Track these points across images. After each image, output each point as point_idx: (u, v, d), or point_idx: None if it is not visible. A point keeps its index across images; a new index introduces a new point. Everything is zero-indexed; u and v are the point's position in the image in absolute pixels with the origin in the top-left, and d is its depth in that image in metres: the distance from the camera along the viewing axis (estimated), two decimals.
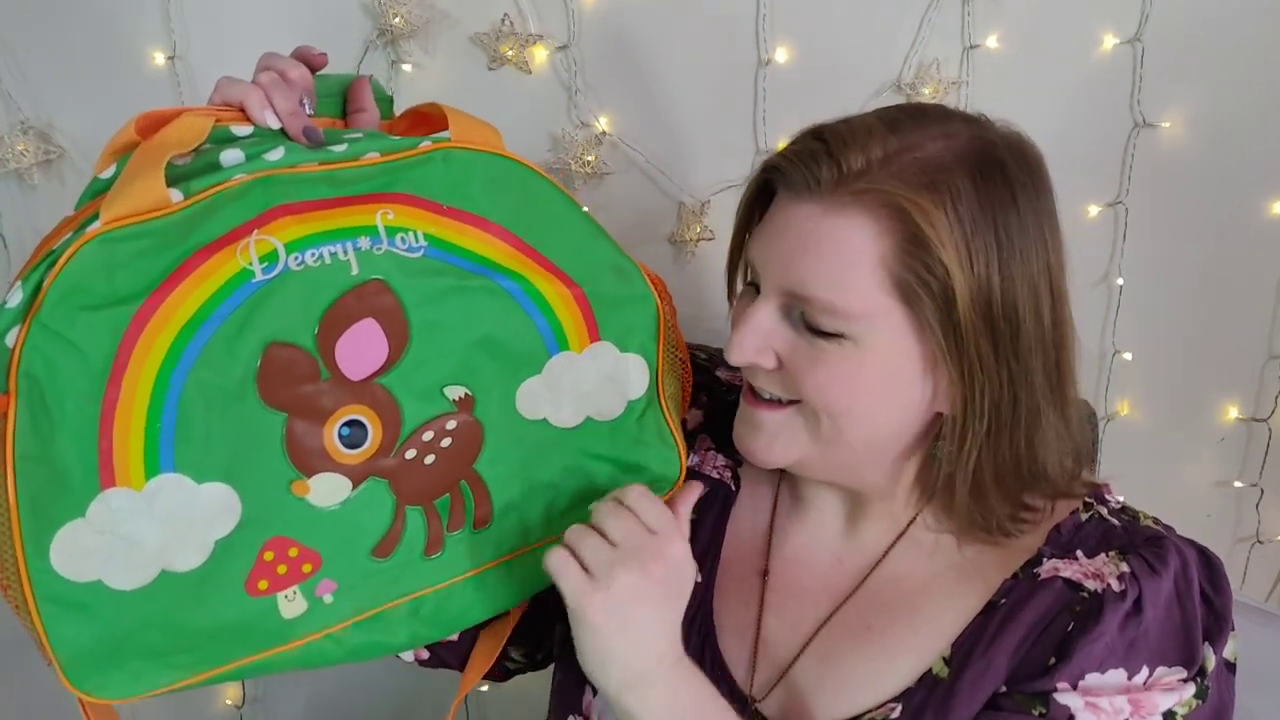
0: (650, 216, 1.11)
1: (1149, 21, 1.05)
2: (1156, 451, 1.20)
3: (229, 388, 0.52)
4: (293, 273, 0.53)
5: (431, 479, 0.60)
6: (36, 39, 1.03)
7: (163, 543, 0.52)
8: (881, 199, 0.57)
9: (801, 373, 0.62)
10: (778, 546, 0.73)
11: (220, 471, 0.53)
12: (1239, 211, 1.11)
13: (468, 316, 0.59)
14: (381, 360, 0.56)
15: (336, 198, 0.55)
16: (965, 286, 0.58)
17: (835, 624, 0.68)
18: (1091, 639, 0.60)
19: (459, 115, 0.61)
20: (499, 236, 0.59)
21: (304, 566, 0.57)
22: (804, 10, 1.04)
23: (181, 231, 0.51)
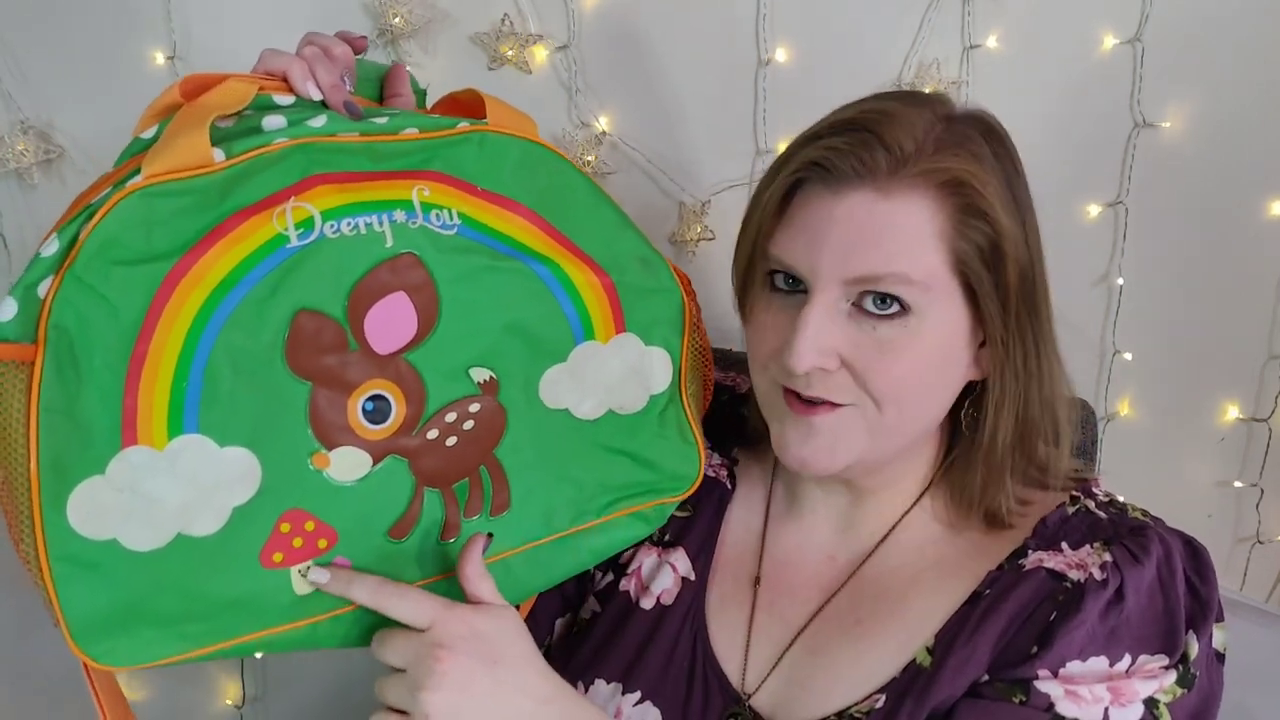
0: (650, 216, 1.11)
1: (1149, 21, 1.05)
2: (1156, 451, 1.20)
3: (257, 352, 0.52)
4: (328, 240, 0.53)
5: (451, 462, 0.59)
6: (36, 39, 1.03)
7: (182, 504, 0.52)
8: (939, 177, 0.60)
9: (868, 365, 0.61)
10: (771, 545, 0.73)
11: (243, 436, 0.53)
12: (1239, 211, 1.11)
13: (498, 298, 0.58)
14: (410, 335, 0.56)
15: (373, 171, 0.55)
16: (1013, 246, 0.61)
17: (825, 617, 0.68)
18: (1072, 627, 0.60)
19: (496, 102, 0.62)
20: (531, 220, 0.59)
21: (319, 542, 0.56)
22: (804, 10, 1.04)
23: (220, 193, 0.51)
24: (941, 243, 0.60)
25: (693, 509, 0.74)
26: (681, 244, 1.10)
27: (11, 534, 0.52)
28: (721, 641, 0.70)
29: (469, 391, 0.59)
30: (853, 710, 0.63)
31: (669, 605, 0.71)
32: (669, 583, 0.72)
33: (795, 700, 0.66)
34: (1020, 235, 0.62)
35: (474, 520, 0.62)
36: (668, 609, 0.71)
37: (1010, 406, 0.65)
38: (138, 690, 1.25)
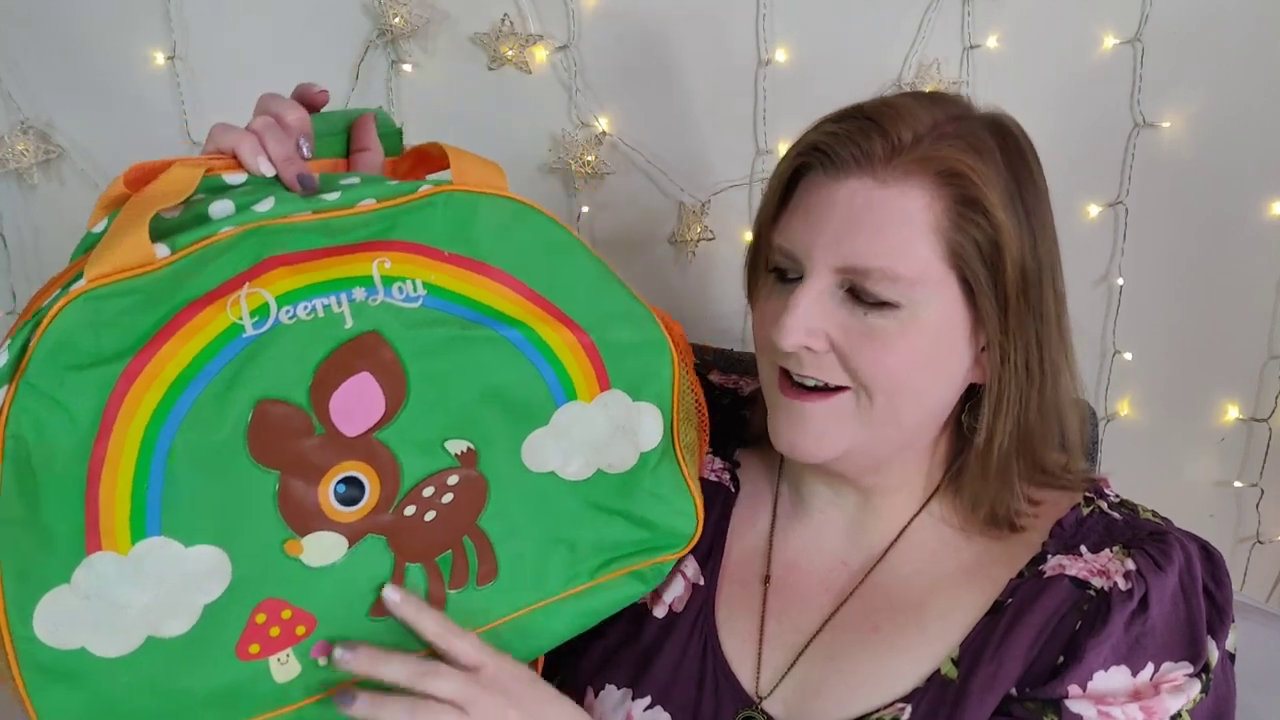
0: (650, 216, 1.11)
1: (1149, 21, 1.05)
2: (1156, 451, 1.20)
3: (218, 446, 0.50)
4: (284, 326, 0.51)
5: (433, 536, 0.58)
6: (36, 39, 1.03)
7: (148, 608, 0.51)
8: (935, 165, 0.60)
9: (856, 351, 0.62)
10: (779, 549, 0.73)
11: (209, 533, 0.51)
12: (1239, 211, 1.11)
13: (470, 368, 0.56)
14: (379, 415, 0.54)
15: (331, 246, 0.53)
16: (1013, 243, 0.61)
17: (840, 623, 0.68)
18: (1100, 640, 0.60)
19: (461, 155, 0.60)
20: (502, 282, 0.57)
21: (297, 629, 0.55)
22: (804, 10, 1.04)
23: (170, 287, 0.49)
24: (936, 235, 0.60)
25: None
26: (681, 244, 1.10)
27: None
28: (732, 645, 0.69)
29: (446, 464, 0.57)
30: (874, 717, 0.62)
31: (680, 611, 0.70)
32: (680, 589, 0.71)
33: (811, 705, 0.65)
34: (1025, 237, 0.62)
35: (459, 592, 0.60)
36: (678, 615, 0.70)
37: (1009, 411, 0.64)
38: None
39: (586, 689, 0.70)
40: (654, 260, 1.13)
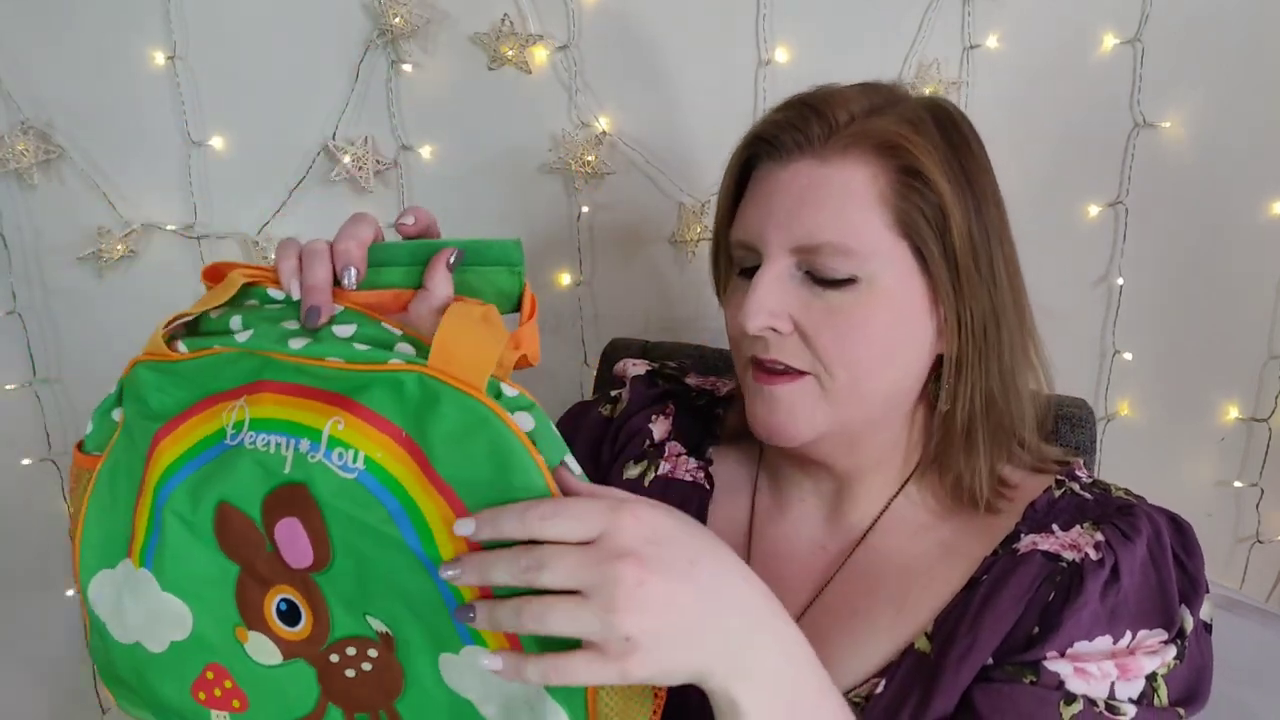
0: (650, 216, 1.11)
1: (1149, 21, 1.05)
2: (1156, 451, 1.20)
3: (196, 526, 0.56)
4: (245, 449, 0.53)
5: (352, 692, 0.55)
6: (36, 39, 1.03)
7: (138, 624, 0.58)
8: (873, 140, 0.62)
9: (817, 329, 0.63)
10: (759, 540, 0.74)
11: (179, 588, 0.57)
12: (1239, 211, 1.11)
13: (385, 563, 0.52)
14: (309, 560, 0.53)
15: (313, 387, 0.52)
16: (957, 209, 0.62)
17: (820, 607, 0.69)
18: (1077, 608, 0.61)
19: (456, 327, 0.53)
20: (441, 493, 0.50)
21: (234, 701, 0.58)
22: (804, 10, 1.04)
23: (201, 377, 0.56)
24: (883, 206, 0.62)
25: None
26: (681, 244, 1.10)
27: None
28: None
29: (368, 635, 0.54)
30: (851, 695, 0.63)
31: None
32: None
33: None
34: (969, 202, 0.63)
35: None
36: None
37: (969, 377, 0.66)
38: None
39: None
40: (654, 260, 1.13)
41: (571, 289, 1.14)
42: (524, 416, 0.50)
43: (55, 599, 1.20)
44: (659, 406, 0.80)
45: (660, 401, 0.81)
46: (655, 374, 0.84)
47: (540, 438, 0.50)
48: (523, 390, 0.52)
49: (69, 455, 1.18)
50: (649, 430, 0.79)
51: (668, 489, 0.76)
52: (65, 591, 1.20)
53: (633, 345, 1.04)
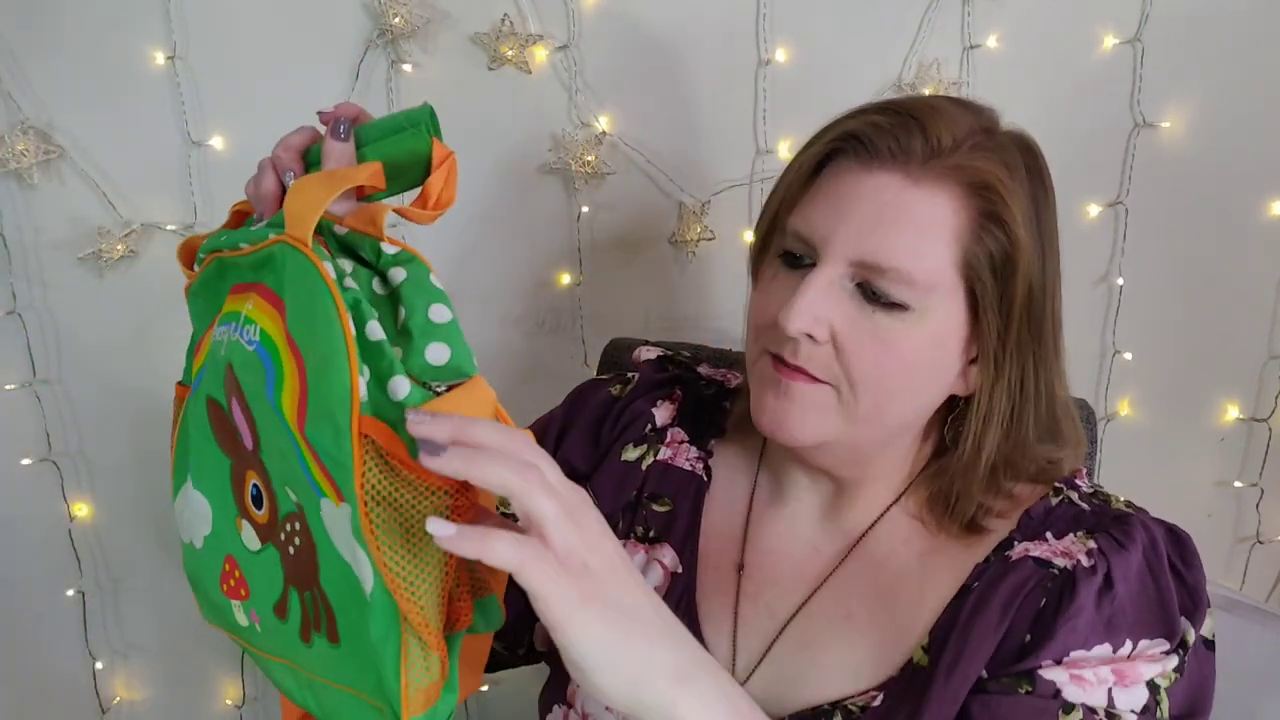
0: (650, 216, 1.11)
1: (1149, 21, 1.05)
2: (1156, 451, 1.20)
3: (200, 424, 0.59)
4: (214, 340, 0.57)
5: (298, 570, 0.54)
6: (36, 39, 1.03)
7: (189, 524, 0.62)
8: (969, 175, 0.61)
9: (857, 348, 0.62)
10: (754, 536, 0.74)
11: (201, 484, 0.60)
12: (1239, 211, 1.11)
13: (274, 431, 0.52)
14: (251, 440, 0.55)
15: (247, 281, 0.56)
16: (1026, 261, 0.62)
17: (813, 610, 0.69)
18: (1071, 615, 0.60)
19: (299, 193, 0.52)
20: (292, 350, 0.50)
21: (241, 590, 0.59)
22: (804, 10, 1.04)
23: (212, 291, 0.60)
24: (955, 243, 0.61)
25: (672, 504, 0.75)
26: (681, 244, 1.10)
27: None
28: (710, 633, 0.70)
29: (292, 509, 0.53)
30: (847, 703, 0.63)
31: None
32: (658, 578, 0.72)
33: (786, 691, 0.66)
34: (1037, 254, 0.63)
35: (319, 635, 0.54)
36: None
37: (998, 425, 0.65)
38: (137, 690, 1.25)
39: (570, 680, 0.70)
40: (654, 260, 1.13)
41: (571, 289, 1.14)
42: (397, 270, 0.51)
43: (55, 599, 1.20)
44: (665, 391, 0.80)
45: (667, 387, 0.80)
46: (666, 360, 0.83)
47: (412, 287, 0.50)
48: (404, 246, 0.52)
49: (69, 455, 1.18)
50: (651, 414, 0.79)
51: (665, 475, 0.76)
52: (65, 591, 1.20)
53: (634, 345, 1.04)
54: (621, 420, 0.78)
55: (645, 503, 0.75)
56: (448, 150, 0.57)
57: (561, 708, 0.71)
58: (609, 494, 0.75)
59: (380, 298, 0.51)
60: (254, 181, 0.57)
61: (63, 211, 1.08)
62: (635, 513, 0.75)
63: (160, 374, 1.16)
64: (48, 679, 1.23)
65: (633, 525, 0.75)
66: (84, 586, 1.20)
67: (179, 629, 1.23)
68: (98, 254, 1.08)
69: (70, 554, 1.19)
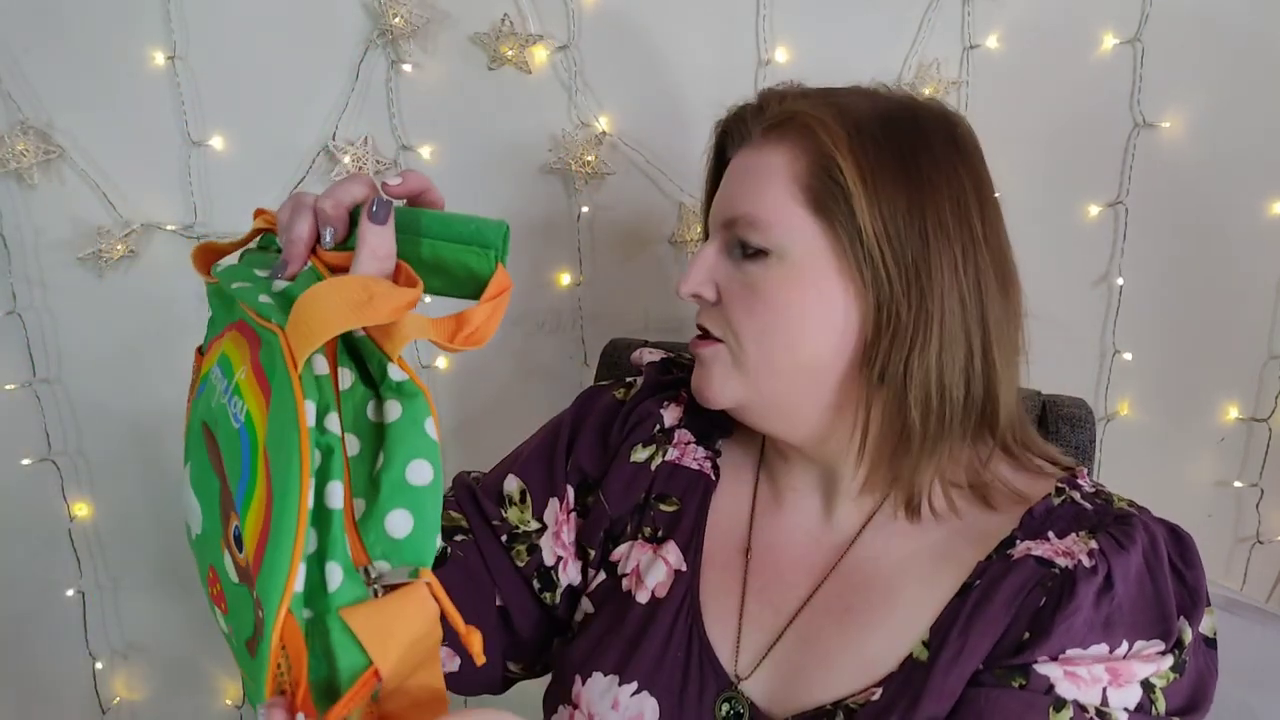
0: (650, 216, 1.11)
1: (1149, 21, 1.05)
2: (1156, 451, 1.20)
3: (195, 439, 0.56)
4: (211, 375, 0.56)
5: None
6: (36, 39, 1.03)
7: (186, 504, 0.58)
8: (794, 125, 0.67)
9: (731, 300, 0.69)
10: (758, 533, 0.74)
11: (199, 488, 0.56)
12: (1239, 211, 1.11)
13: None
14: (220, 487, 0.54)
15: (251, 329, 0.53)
16: (865, 198, 0.64)
17: (815, 605, 0.69)
18: (1069, 614, 0.60)
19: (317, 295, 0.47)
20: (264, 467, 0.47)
21: (221, 605, 0.56)
22: (804, 10, 1.04)
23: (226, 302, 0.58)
24: (794, 182, 0.66)
25: (679, 503, 0.75)
26: (681, 244, 1.10)
27: None
28: (714, 628, 0.70)
29: None
30: (849, 701, 0.63)
31: (663, 597, 0.72)
32: (662, 575, 0.73)
33: (789, 688, 0.66)
34: (889, 193, 0.64)
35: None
36: (661, 600, 0.72)
37: (895, 365, 0.65)
38: (137, 690, 1.25)
39: (575, 676, 0.71)
40: (654, 260, 1.13)
41: (571, 289, 1.14)
42: (394, 405, 0.46)
43: (55, 599, 1.20)
44: (672, 393, 0.81)
45: (673, 389, 0.81)
46: (669, 363, 0.84)
47: (400, 432, 0.45)
48: (412, 376, 0.47)
49: (69, 455, 1.18)
50: (660, 415, 0.79)
51: (674, 475, 0.76)
52: (65, 591, 1.20)
53: (634, 345, 1.04)
54: (630, 421, 0.79)
55: (653, 503, 0.75)
56: (509, 281, 0.51)
57: (566, 708, 0.71)
58: (618, 496, 0.76)
59: (370, 425, 0.47)
60: (290, 214, 0.53)
61: (62, 211, 1.08)
62: (643, 514, 0.75)
63: (160, 374, 1.16)
64: (48, 679, 1.23)
65: (640, 526, 0.75)
66: (84, 586, 1.20)
67: (179, 629, 1.23)
68: (98, 254, 1.08)
69: (70, 554, 1.19)
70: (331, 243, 0.53)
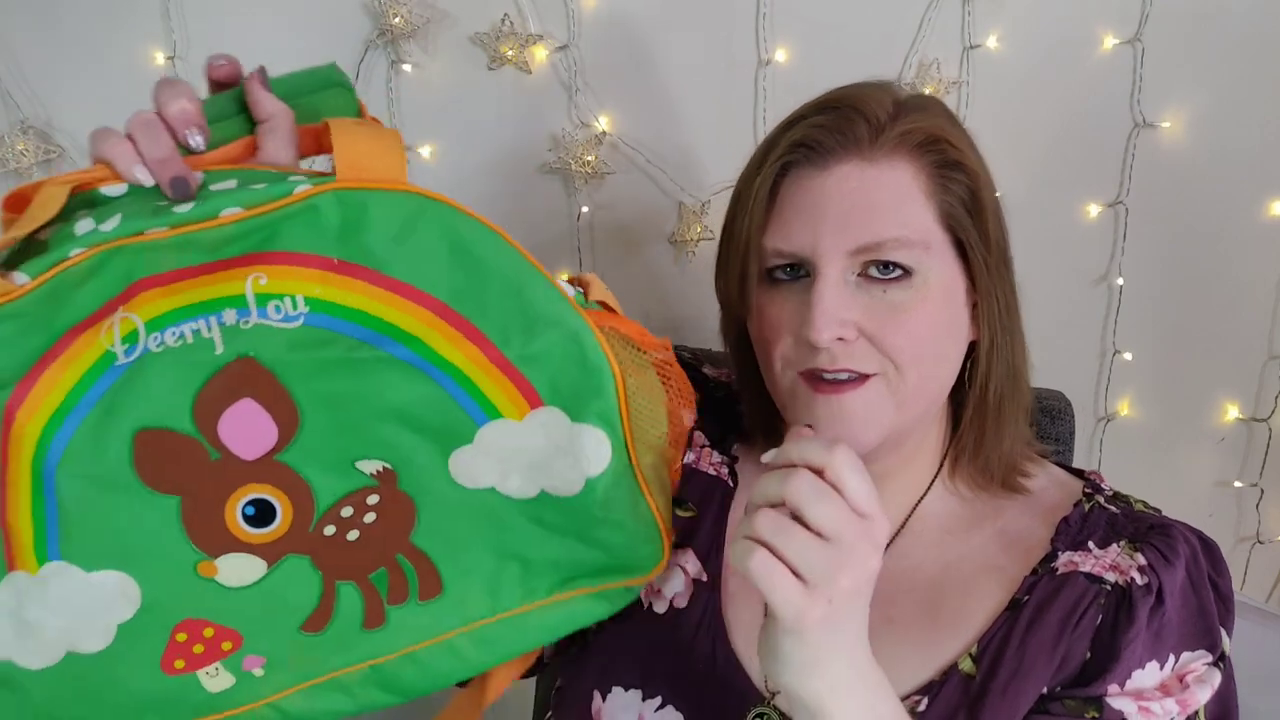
0: (650, 216, 1.11)
1: (1149, 21, 1.05)
2: (1156, 451, 1.20)
3: (105, 477, 0.49)
4: (153, 355, 0.47)
5: (359, 554, 0.54)
6: (36, 39, 1.02)
7: (63, 627, 0.50)
8: (915, 137, 0.63)
9: (885, 330, 0.62)
10: None
11: (111, 559, 0.50)
12: (1239, 211, 1.11)
13: (366, 390, 0.51)
14: (273, 440, 0.50)
15: (206, 263, 0.48)
16: (989, 194, 0.65)
17: None
18: (1132, 637, 0.61)
19: (351, 132, 0.50)
20: (400, 293, 0.49)
21: (223, 645, 0.53)
22: (804, 10, 1.04)
23: (49, 312, 0.46)
24: (929, 200, 0.63)
25: (697, 509, 0.73)
26: (681, 244, 1.10)
27: None
28: (741, 641, 0.68)
29: (363, 484, 0.53)
30: None
31: (683, 608, 0.70)
32: (680, 585, 0.71)
33: None
34: (990, 181, 0.66)
35: (400, 608, 0.57)
36: (682, 611, 0.70)
37: (1001, 359, 0.67)
38: None
39: (593, 692, 0.69)
40: (654, 260, 1.13)
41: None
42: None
43: None
44: None
45: None
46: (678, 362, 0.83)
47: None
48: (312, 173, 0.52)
49: None
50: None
51: (691, 479, 0.74)
52: None
53: None
54: None
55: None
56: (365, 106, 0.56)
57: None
58: None
59: None
60: (126, 145, 0.49)
61: None
62: None
63: None
64: None
65: None
66: None
67: None
68: None
69: None
70: (203, 146, 0.51)
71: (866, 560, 0.51)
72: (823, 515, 0.50)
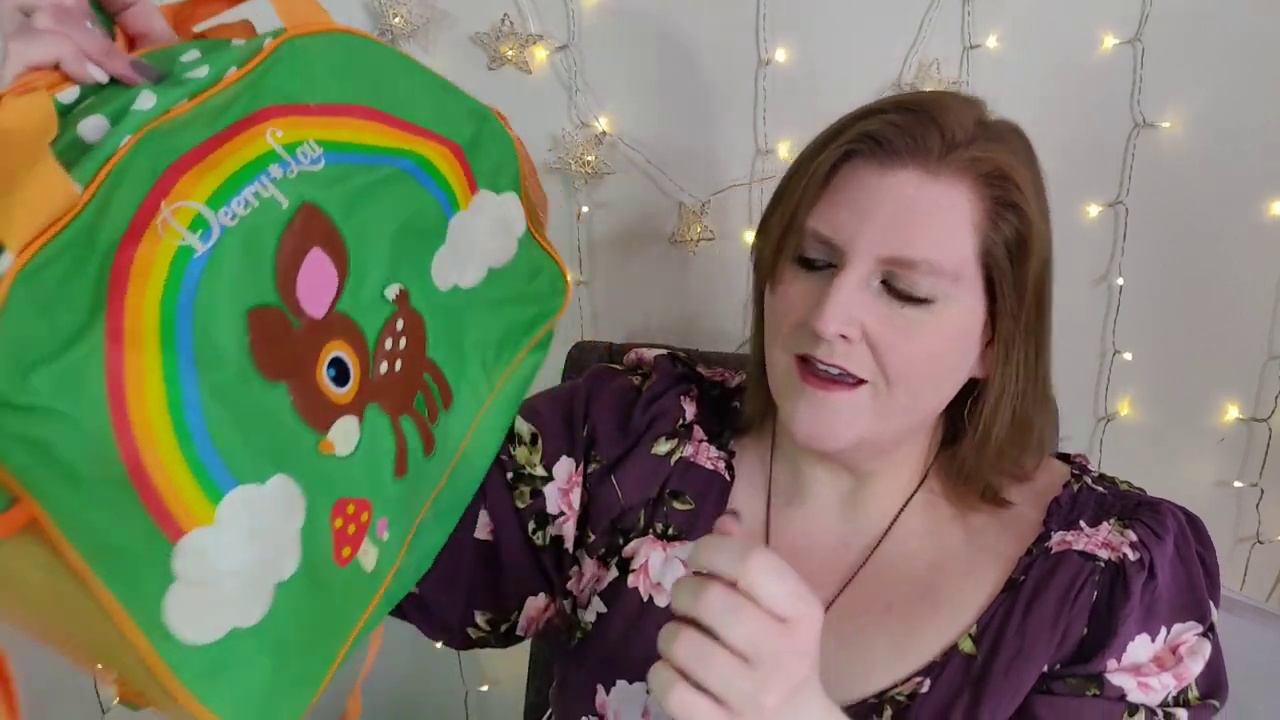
0: (650, 216, 1.11)
1: (1149, 21, 1.05)
2: (1156, 451, 1.20)
3: (232, 379, 0.46)
4: (230, 230, 0.45)
5: (404, 383, 0.58)
6: None
7: (262, 559, 0.47)
8: (984, 166, 0.62)
9: (891, 344, 0.62)
10: (777, 534, 0.73)
11: (271, 463, 0.48)
12: (1239, 211, 1.11)
13: (383, 210, 0.56)
14: (334, 287, 0.52)
15: (215, 135, 0.46)
16: (1039, 246, 0.64)
17: (847, 607, 0.68)
18: (1128, 613, 0.63)
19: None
20: (368, 118, 0.55)
21: (362, 516, 0.55)
22: (804, 10, 1.04)
23: (89, 236, 0.41)
24: (975, 232, 0.62)
25: (695, 503, 0.74)
26: (681, 244, 1.10)
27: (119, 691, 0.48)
28: None
29: (389, 313, 0.56)
30: (893, 693, 0.63)
31: None
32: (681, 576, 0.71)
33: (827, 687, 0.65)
34: (1046, 235, 0.65)
35: (436, 425, 0.62)
36: None
37: (1008, 404, 0.67)
38: None
39: (596, 686, 0.69)
40: (654, 260, 1.13)
41: (571, 288, 1.14)
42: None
43: None
44: (685, 387, 0.79)
45: (686, 383, 0.79)
46: (674, 357, 0.83)
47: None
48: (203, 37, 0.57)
49: None
50: (682, 409, 0.77)
51: (689, 473, 0.75)
52: None
53: (598, 347, 1.04)
54: (651, 410, 0.76)
55: (667, 499, 0.74)
56: None
57: (591, 718, 0.69)
58: (635, 486, 0.74)
59: None
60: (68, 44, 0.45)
61: None
62: (657, 508, 0.73)
63: None
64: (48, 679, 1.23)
65: (652, 521, 0.73)
66: None
67: None
68: None
69: None
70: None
71: (792, 673, 0.49)
72: (739, 636, 0.48)
